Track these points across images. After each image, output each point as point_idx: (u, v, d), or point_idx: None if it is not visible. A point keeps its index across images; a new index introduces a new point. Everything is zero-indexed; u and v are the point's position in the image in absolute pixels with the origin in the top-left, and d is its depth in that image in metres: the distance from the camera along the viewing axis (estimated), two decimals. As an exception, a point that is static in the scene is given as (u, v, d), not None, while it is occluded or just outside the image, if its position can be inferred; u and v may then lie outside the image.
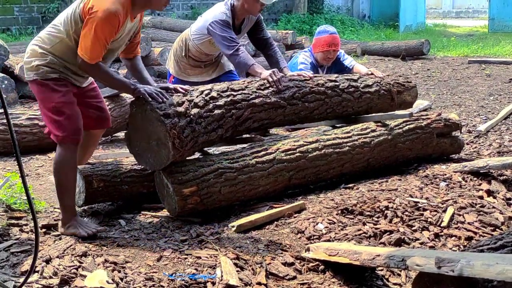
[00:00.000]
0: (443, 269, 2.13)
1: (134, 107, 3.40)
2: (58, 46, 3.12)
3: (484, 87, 8.93)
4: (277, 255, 2.96)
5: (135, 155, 3.46)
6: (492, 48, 13.95)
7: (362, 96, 4.32)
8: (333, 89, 4.16)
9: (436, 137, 4.48)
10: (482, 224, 3.45)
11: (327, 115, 4.20)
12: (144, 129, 3.32)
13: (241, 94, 3.67)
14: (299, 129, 4.40)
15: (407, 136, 4.25)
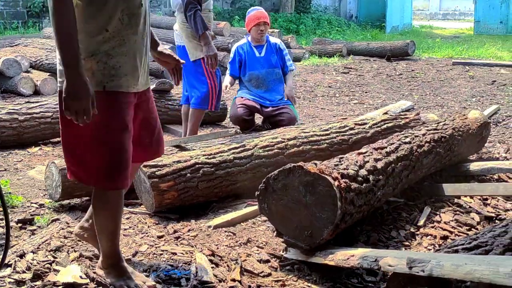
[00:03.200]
0: (414, 270, 2.15)
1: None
2: (78, 15, 2.18)
3: (467, 89, 8.99)
4: (253, 252, 2.96)
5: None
6: (477, 50, 14.06)
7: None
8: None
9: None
10: (458, 223, 3.47)
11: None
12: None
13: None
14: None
15: (385, 135, 4.27)
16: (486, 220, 3.59)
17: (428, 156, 3.68)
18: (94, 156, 2.29)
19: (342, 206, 2.64)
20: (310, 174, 2.66)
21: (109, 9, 2.22)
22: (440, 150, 3.81)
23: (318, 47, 13.29)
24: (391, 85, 9.45)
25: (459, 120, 4.34)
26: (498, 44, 15.46)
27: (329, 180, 2.64)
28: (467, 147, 4.27)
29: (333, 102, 8.15)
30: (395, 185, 3.30)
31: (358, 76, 10.40)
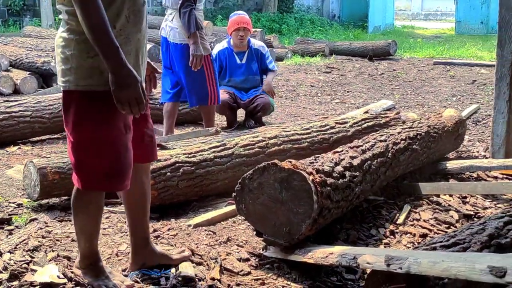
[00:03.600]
0: (392, 267, 2.16)
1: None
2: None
3: (448, 88, 9.07)
4: (233, 251, 2.95)
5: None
6: (458, 50, 14.19)
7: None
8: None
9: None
10: (437, 221, 3.51)
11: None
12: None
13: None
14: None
15: (366, 133, 4.28)
16: (465, 218, 3.63)
17: (405, 153, 3.72)
18: (99, 158, 2.24)
19: (319, 200, 2.65)
20: (284, 170, 2.67)
21: (117, 6, 2.19)
22: (416, 147, 3.85)
23: (300, 47, 13.32)
24: (372, 85, 9.51)
25: (434, 119, 4.39)
26: (479, 44, 15.62)
27: (304, 175, 2.65)
28: (444, 144, 4.32)
29: (315, 101, 8.18)
30: (373, 181, 3.32)
31: (340, 76, 10.44)
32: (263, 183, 2.73)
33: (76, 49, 2.16)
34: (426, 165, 4.22)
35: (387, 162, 3.50)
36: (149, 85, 2.66)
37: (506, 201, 3.94)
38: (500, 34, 4.43)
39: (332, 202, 2.81)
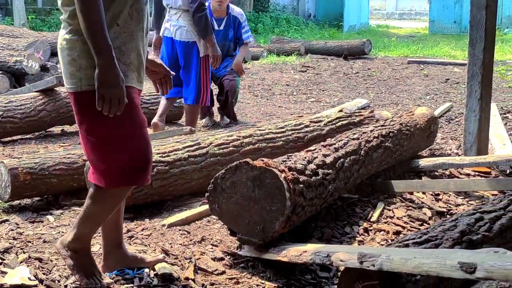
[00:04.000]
0: (364, 264, 2.16)
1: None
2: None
3: (422, 87, 9.17)
4: (207, 251, 2.94)
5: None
6: (431, 49, 14.36)
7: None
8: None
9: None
10: (411, 219, 3.54)
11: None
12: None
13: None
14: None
15: (340, 132, 4.31)
16: (437, 215, 3.67)
17: (378, 151, 3.75)
18: (122, 153, 2.24)
19: (292, 197, 2.65)
20: (256, 168, 2.67)
21: (120, 3, 2.19)
22: (389, 145, 3.88)
23: (276, 46, 13.35)
24: (347, 84, 9.57)
25: (407, 116, 4.44)
26: (452, 43, 15.83)
27: (276, 172, 2.66)
28: (417, 141, 4.36)
29: (290, 100, 8.20)
30: (347, 179, 3.34)
31: (315, 75, 10.48)
32: (235, 182, 2.72)
33: (82, 50, 2.16)
34: (400, 163, 4.25)
35: (360, 160, 3.52)
36: (161, 88, 2.65)
37: (478, 198, 3.99)
38: (471, 33, 4.49)
39: (306, 199, 2.82)
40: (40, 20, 13.33)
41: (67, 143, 5.30)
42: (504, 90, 8.84)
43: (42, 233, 3.07)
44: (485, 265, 1.82)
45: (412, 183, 3.91)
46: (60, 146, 5.13)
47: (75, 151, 3.82)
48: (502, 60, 12.16)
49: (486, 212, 2.95)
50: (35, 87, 5.64)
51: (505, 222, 2.87)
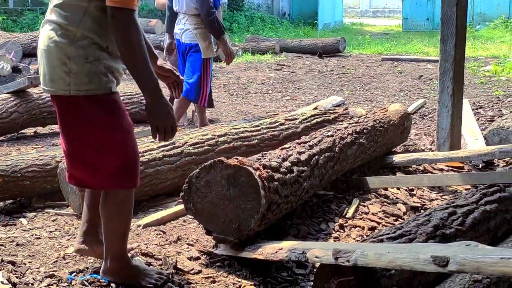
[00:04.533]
0: (339, 260, 2.17)
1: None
2: (86, 21, 2.19)
3: (396, 84, 9.25)
4: (183, 250, 2.93)
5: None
6: (405, 46, 14.50)
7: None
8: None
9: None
10: (386, 214, 3.56)
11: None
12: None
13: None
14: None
15: (315, 129, 4.32)
16: (412, 210, 3.70)
17: (352, 147, 3.77)
18: (111, 158, 2.29)
19: (266, 195, 2.66)
20: (231, 167, 2.66)
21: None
22: (363, 141, 3.91)
23: (251, 45, 13.34)
24: (322, 81, 9.61)
25: (380, 113, 4.48)
26: (425, 40, 15.99)
27: (250, 170, 2.66)
28: (391, 138, 4.40)
29: (266, 98, 8.21)
30: (322, 176, 3.36)
31: (290, 73, 10.51)
32: (210, 181, 2.71)
33: (74, 55, 2.17)
34: (374, 159, 4.29)
35: (334, 157, 3.54)
36: (174, 92, 2.70)
37: (452, 192, 4.04)
38: (442, 30, 4.54)
39: (281, 197, 2.82)
40: (11, 21, 13.13)
41: (40, 145, 5.24)
42: (476, 86, 8.96)
43: (15, 236, 3.04)
44: (457, 258, 1.85)
45: (387, 179, 3.94)
46: (33, 148, 5.07)
47: (48, 152, 3.78)
48: (474, 57, 12.32)
49: (459, 206, 2.99)
50: (6, 88, 5.56)
51: (478, 216, 2.92)
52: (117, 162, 2.30)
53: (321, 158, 3.37)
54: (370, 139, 4.03)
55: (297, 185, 3.02)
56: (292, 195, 2.97)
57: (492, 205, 3.06)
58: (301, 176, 3.07)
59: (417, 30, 20.72)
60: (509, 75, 9.77)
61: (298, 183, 3.03)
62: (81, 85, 2.18)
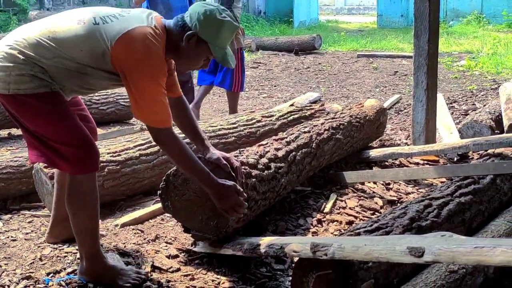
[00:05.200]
0: (317, 254, 2.19)
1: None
2: (54, 63, 2.31)
3: (371, 80, 9.32)
4: (162, 249, 2.92)
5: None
6: (380, 43, 14.60)
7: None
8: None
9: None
10: (363, 208, 3.59)
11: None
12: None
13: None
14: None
15: (292, 126, 4.34)
16: (388, 203, 3.73)
17: (329, 143, 3.79)
18: (69, 144, 2.36)
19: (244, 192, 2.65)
20: (208, 164, 2.66)
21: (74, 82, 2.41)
22: (340, 137, 3.94)
23: (227, 43, 13.31)
24: (299, 79, 9.64)
25: (356, 109, 4.51)
26: (400, 37, 16.13)
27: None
28: (367, 133, 4.43)
29: (242, 96, 8.19)
30: (299, 172, 3.37)
31: (267, 71, 10.52)
32: (187, 179, 2.70)
33: (20, 65, 2.27)
34: (351, 154, 4.32)
35: (311, 153, 3.56)
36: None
37: (427, 185, 4.09)
38: (416, 25, 4.58)
39: (259, 193, 2.83)
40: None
41: (14, 146, 5.16)
42: (450, 80, 9.06)
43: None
44: (433, 249, 1.86)
45: (363, 173, 3.97)
46: (7, 149, 4.99)
47: (22, 154, 3.72)
48: (448, 52, 12.47)
49: (434, 198, 3.02)
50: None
51: (453, 208, 2.96)
52: (75, 147, 2.37)
53: (298, 154, 3.38)
54: (347, 135, 4.06)
55: (275, 182, 3.03)
56: (270, 191, 2.98)
57: (467, 197, 3.10)
58: (279, 173, 3.08)
59: (391, 27, 20.88)
60: (482, 69, 9.91)
61: (276, 180, 3.04)
62: (21, 85, 2.27)
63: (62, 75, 2.33)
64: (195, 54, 2.42)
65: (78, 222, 2.47)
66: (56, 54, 2.29)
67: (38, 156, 2.47)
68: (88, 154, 2.40)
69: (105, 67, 2.34)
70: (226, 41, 2.44)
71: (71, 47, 2.29)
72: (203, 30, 2.36)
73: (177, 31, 2.40)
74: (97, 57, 2.31)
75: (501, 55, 11.08)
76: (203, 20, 2.36)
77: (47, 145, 2.38)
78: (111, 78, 2.39)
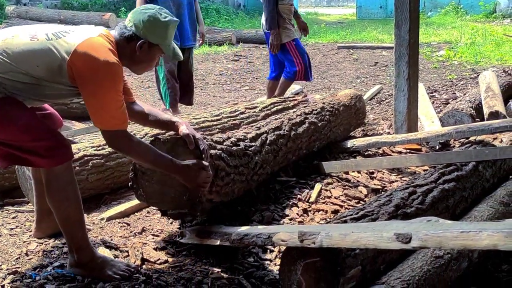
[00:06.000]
0: (305, 242, 2.20)
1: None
2: (9, 76, 2.32)
3: (352, 71, 9.36)
4: (149, 241, 2.92)
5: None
6: (360, 34, 14.66)
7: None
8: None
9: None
10: (348, 197, 3.61)
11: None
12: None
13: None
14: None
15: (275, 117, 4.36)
16: (373, 192, 3.76)
17: (302, 126, 3.84)
18: (37, 141, 2.37)
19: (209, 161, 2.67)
20: (167, 141, 2.65)
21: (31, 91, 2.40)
22: (314, 120, 3.99)
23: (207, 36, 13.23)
24: (280, 71, 9.63)
25: (329, 97, 4.63)
26: (379, 28, 16.20)
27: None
28: (345, 118, 4.49)
29: (224, 89, 8.20)
30: (275, 152, 3.40)
31: (248, 63, 10.52)
32: None
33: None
34: (334, 144, 4.34)
35: (285, 135, 3.60)
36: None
37: (410, 173, 4.13)
38: (397, 15, 4.61)
39: (229, 166, 2.83)
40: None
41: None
42: (430, 70, 9.14)
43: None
44: (420, 234, 1.88)
45: (347, 163, 3.99)
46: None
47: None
48: (427, 42, 12.56)
49: (418, 186, 3.06)
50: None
51: (437, 195, 2.99)
52: (43, 142, 2.38)
53: (270, 135, 3.41)
54: (321, 118, 4.09)
55: (247, 158, 3.04)
56: (244, 167, 2.98)
57: (450, 184, 3.14)
58: (249, 150, 3.10)
59: (371, 18, 20.98)
60: (461, 59, 10.00)
61: (248, 156, 3.06)
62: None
63: (17, 88, 2.34)
64: (150, 58, 2.52)
65: (63, 215, 2.47)
66: (10, 69, 2.30)
67: (9, 160, 2.46)
68: (60, 144, 2.41)
69: (62, 80, 2.36)
70: (172, 37, 2.54)
71: (26, 62, 2.31)
72: (152, 35, 2.45)
73: (125, 41, 2.46)
74: (54, 71, 2.33)
75: (479, 45, 11.20)
76: (149, 26, 2.44)
77: (16, 147, 2.37)
78: (68, 89, 2.41)
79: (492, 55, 10.00)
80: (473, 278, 2.74)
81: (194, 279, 2.57)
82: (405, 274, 2.35)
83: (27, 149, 2.36)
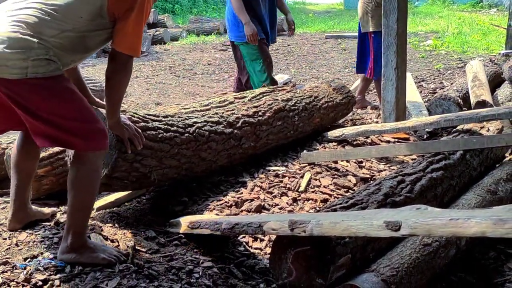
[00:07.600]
0: (295, 231, 2.21)
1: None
2: (59, 39, 2.35)
3: (340, 60, 9.38)
4: (139, 231, 2.93)
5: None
6: (347, 24, 14.69)
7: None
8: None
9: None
10: (337, 186, 3.64)
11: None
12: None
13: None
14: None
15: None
16: (362, 181, 3.79)
17: (260, 98, 4.07)
18: (81, 122, 2.40)
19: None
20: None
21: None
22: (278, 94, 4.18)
23: (195, 26, 13.24)
24: (268, 60, 9.62)
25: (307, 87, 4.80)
26: (367, 18, 16.19)
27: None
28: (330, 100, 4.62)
29: (213, 79, 8.18)
30: (229, 124, 3.62)
31: (236, 53, 10.48)
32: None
33: (36, 50, 2.27)
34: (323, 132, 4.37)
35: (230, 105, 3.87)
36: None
37: (399, 162, 4.16)
38: (385, 5, 4.62)
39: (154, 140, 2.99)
40: None
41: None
42: (418, 60, 9.18)
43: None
44: (409, 222, 1.90)
45: (336, 152, 4.01)
46: (-24, 136, 4.91)
47: (-7, 140, 3.67)
48: (414, 32, 12.60)
49: (407, 174, 3.08)
50: None
51: (425, 183, 3.02)
52: (87, 124, 2.42)
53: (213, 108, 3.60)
54: (291, 96, 4.31)
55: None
56: (176, 134, 3.19)
57: (438, 173, 3.17)
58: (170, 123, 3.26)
59: (358, 8, 20.99)
60: (448, 49, 10.05)
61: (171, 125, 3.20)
62: (38, 68, 2.28)
63: (65, 49, 2.38)
64: None
65: (79, 200, 2.48)
66: (60, 29, 2.34)
67: (47, 140, 2.45)
68: (102, 131, 2.45)
69: (103, 22, 2.42)
70: None
71: (72, 15, 2.35)
72: None
73: None
74: (95, 15, 2.39)
75: (466, 35, 11.25)
76: None
77: (58, 126, 2.37)
78: (106, 33, 2.47)
79: (479, 44, 10.06)
80: (461, 265, 2.78)
81: (185, 268, 2.58)
82: (394, 262, 2.38)
83: (68, 129, 2.38)
